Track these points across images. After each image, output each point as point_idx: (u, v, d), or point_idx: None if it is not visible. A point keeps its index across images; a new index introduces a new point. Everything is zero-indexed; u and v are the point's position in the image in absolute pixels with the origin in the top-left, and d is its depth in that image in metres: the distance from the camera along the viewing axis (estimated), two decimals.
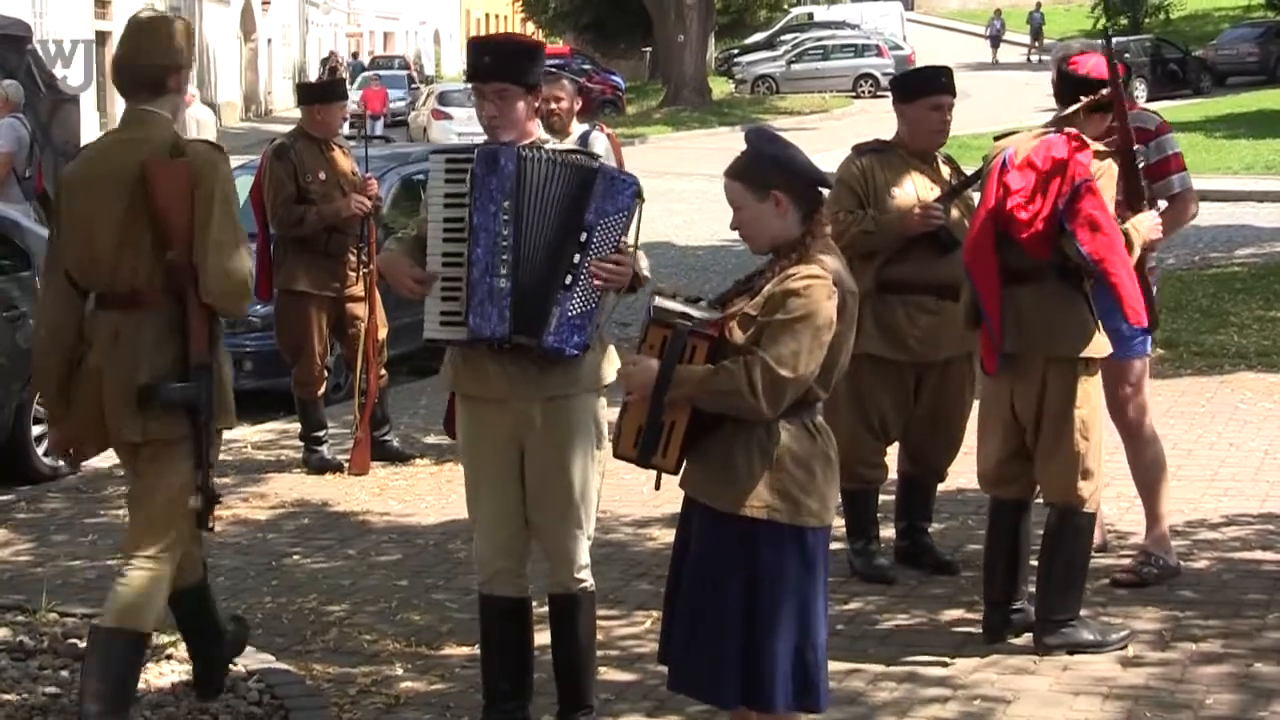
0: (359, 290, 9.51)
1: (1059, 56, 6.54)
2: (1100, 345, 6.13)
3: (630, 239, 5.11)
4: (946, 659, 6.10)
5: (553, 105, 8.72)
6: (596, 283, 5.04)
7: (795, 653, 4.55)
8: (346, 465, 9.39)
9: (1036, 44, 57.07)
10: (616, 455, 4.71)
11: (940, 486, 7.43)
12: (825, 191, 4.65)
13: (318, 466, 9.45)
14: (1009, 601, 6.26)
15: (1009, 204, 5.99)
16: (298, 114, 10.04)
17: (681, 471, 4.62)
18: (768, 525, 4.50)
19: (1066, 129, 6.11)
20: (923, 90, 6.97)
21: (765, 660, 4.52)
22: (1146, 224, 6.27)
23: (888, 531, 7.27)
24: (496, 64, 5.15)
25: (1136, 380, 6.93)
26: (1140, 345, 6.88)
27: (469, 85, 5.50)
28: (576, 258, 5.04)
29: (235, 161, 5.95)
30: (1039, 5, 60.47)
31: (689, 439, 4.53)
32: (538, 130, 5.25)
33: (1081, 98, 6.23)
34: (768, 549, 4.52)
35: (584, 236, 5.04)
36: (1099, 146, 6.15)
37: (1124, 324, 6.24)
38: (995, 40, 59.27)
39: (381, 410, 9.65)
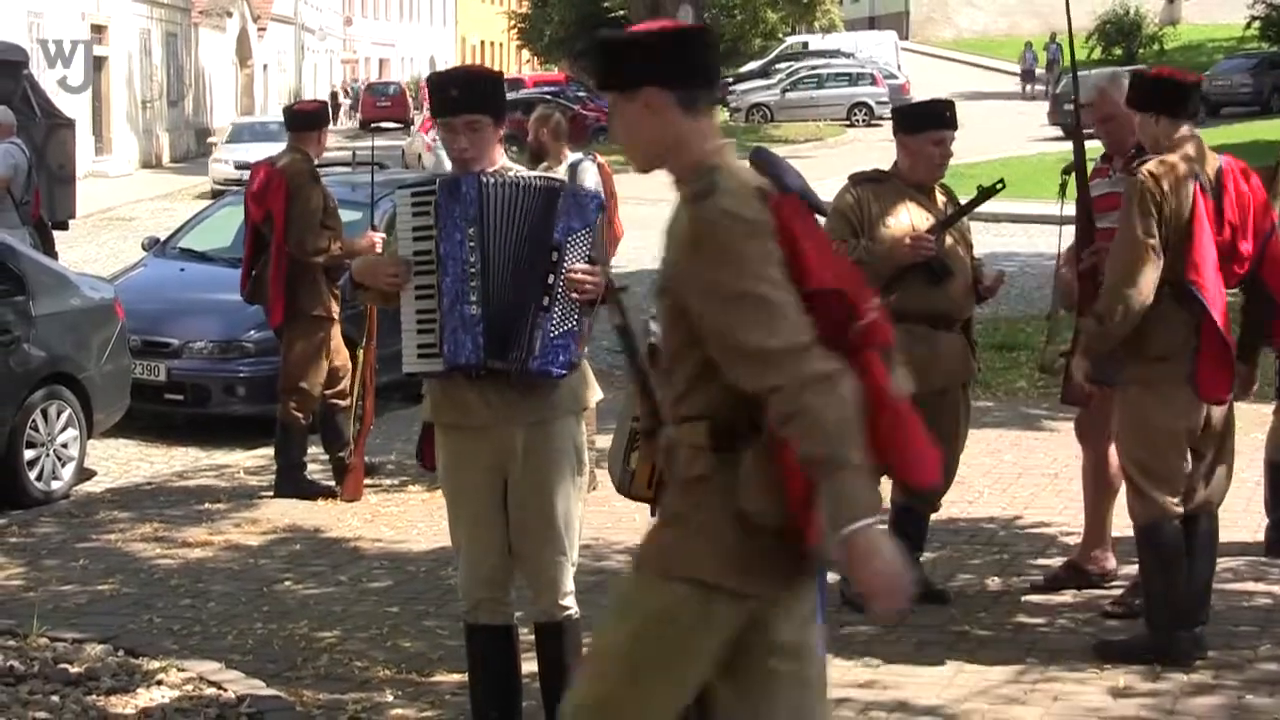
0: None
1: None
2: None
3: (596, 252, 5.16)
4: (937, 689, 6.10)
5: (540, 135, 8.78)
6: (575, 296, 5.07)
7: None
8: (339, 491, 9.39)
9: (1050, 75, 55.96)
10: (632, 496, 4.60)
11: (933, 516, 7.44)
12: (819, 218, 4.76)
13: (307, 491, 9.43)
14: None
15: (1239, 243, 6.23)
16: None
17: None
18: None
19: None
20: (926, 124, 7.00)
21: None
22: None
23: None
24: (465, 96, 5.16)
25: None
26: None
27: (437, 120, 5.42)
28: (550, 278, 5.07)
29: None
30: (1054, 37, 59.88)
31: None
32: (502, 158, 5.27)
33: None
34: None
35: (555, 256, 5.07)
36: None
37: None
38: (1028, 74, 55.93)
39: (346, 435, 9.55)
